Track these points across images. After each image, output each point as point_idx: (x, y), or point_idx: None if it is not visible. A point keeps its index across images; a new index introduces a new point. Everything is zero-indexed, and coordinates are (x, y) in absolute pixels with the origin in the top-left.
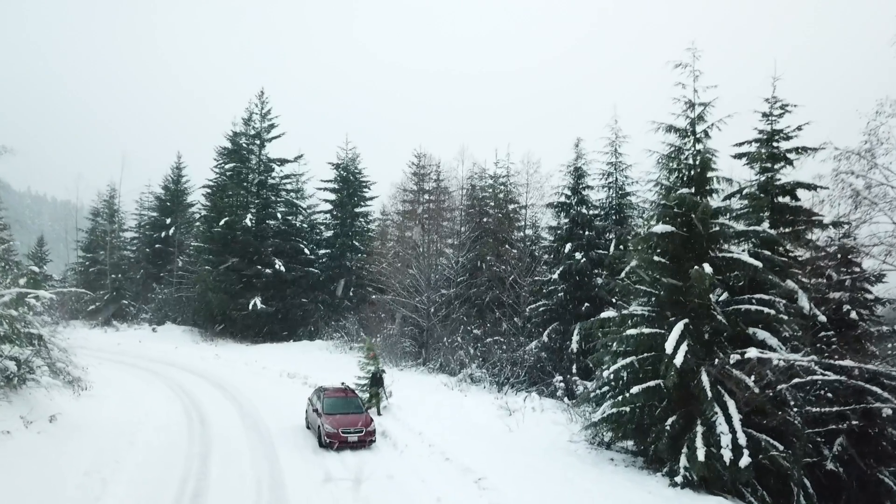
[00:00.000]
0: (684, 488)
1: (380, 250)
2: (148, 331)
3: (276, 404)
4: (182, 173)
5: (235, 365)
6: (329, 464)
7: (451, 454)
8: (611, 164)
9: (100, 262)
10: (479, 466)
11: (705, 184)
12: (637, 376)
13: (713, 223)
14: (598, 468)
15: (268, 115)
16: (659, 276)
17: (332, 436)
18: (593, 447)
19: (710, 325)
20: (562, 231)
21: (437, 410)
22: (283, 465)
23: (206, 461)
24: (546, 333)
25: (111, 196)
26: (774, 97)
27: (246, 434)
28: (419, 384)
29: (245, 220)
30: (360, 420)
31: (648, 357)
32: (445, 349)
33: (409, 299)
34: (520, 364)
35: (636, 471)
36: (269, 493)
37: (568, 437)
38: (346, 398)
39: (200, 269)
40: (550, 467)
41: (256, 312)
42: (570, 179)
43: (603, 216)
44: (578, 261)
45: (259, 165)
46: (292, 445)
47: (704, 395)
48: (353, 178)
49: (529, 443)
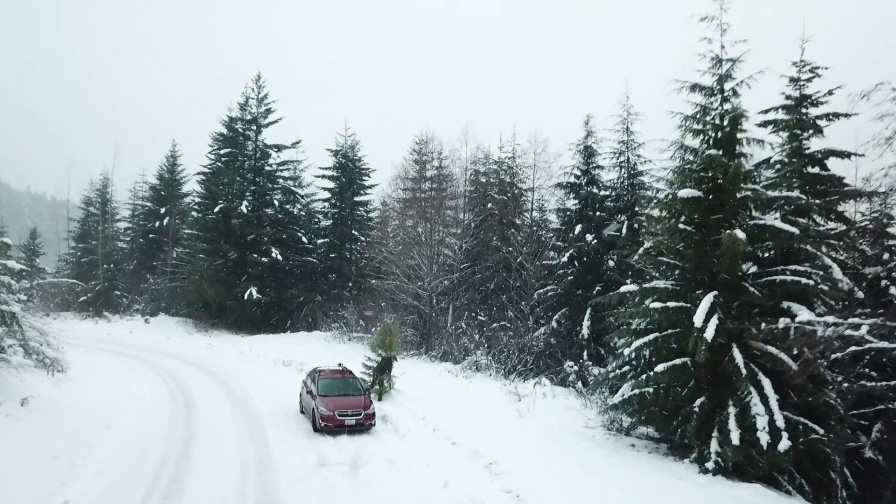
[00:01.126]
0: (716, 475)
1: (380, 240)
2: (140, 322)
3: (269, 390)
4: (177, 162)
5: (229, 354)
6: (324, 448)
7: (458, 438)
8: (622, 142)
9: (92, 253)
10: (490, 451)
11: (734, 145)
12: (661, 354)
13: (744, 188)
14: (619, 454)
15: (264, 99)
16: (684, 246)
17: (328, 419)
18: (611, 433)
19: (741, 299)
20: (571, 212)
21: (442, 396)
22: (273, 449)
23: (188, 445)
24: (555, 319)
25: (104, 185)
26: (802, 60)
27: (234, 419)
28: (421, 371)
29: (241, 207)
30: (358, 402)
31: (673, 334)
32: (449, 336)
33: (410, 285)
34: (528, 351)
35: (660, 457)
36: (255, 478)
37: (583, 422)
38: (343, 379)
39: (195, 257)
40: (567, 453)
41: (252, 302)
42: (579, 159)
43: (614, 197)
44: (589, 242)
45: (255, 152)
46: (284, 430)
47: (738, 373)
48: (352, 165)
49: (542, 428)
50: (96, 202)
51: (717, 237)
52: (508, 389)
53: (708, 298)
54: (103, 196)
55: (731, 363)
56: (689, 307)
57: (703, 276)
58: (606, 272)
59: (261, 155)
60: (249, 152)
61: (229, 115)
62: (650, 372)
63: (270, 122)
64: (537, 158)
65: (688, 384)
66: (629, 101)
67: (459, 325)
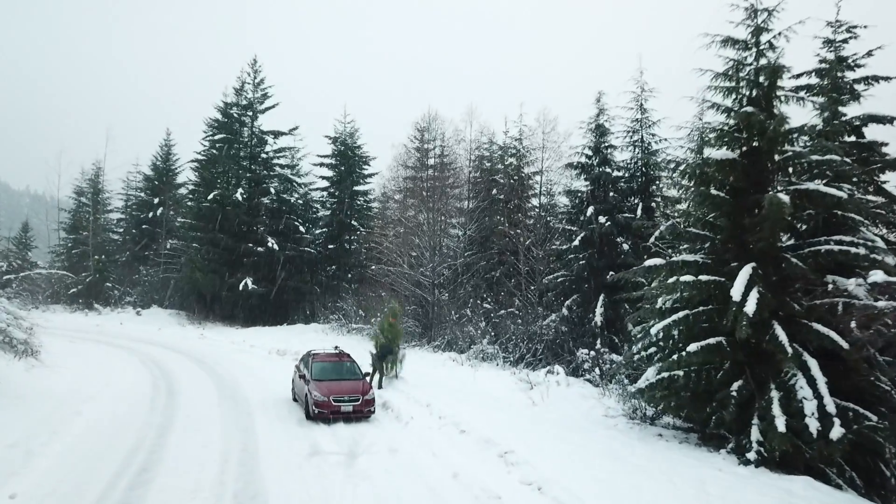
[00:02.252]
0: (758, 466)
1: (381, 230)
2: (132, 314)
3: (261, 379)
4: (171, 151)
5: (221, 344)
6: (317, 436)
7: (467, 426)
8: (636, 121)
9: (83, 244)
10: (504, 439)
11: (772, 103)
12: (692, 333)
13: (784, 150)
14: (647, 444)
15: (261, 84)
16: (715, 215)
17: (322, 405)
18: (634, 422)
19: (780, 272)
20: (582, 194)
21: (447, 383)
22: (259, 437)
23: (165, 432)
24: (566, 306)
25: (96, 175)
26: (838, 20)
27: (220, 405)
28: (423, 360)
29: (235, 194)
30: (355, 387)
31: (705, 311)
32: (453, 324)
33: (411, 272)
34: (537, 339)
35: (692, 447)
36: (236, 468)
37: (602, 411)
38: (339, 363)
39: (188, 247)
40: (589, 442)
41: (247, 294)
42: (591, 137)
43: (628, 178)
44: (602, 224)
45: (251, 138)
46: (274, 417)
47: (783, 352)
48: (351, 153)
49: (558, 416)
50: (88, 192)
51: (754, 204)
52: (519, 377)
53: (746, 269)
54: (95, 186)
55: (773, 341)
56: (723, 281)
57: (737, 246)
58: (621, 256)
59: (257, 142)
60: (245, 139)
61: (224, 101)
62: (681, 353)
63: (267, 108)
64: (546, 138)
65: (722, 366)
66: (643, 76)
67: (464, 312)
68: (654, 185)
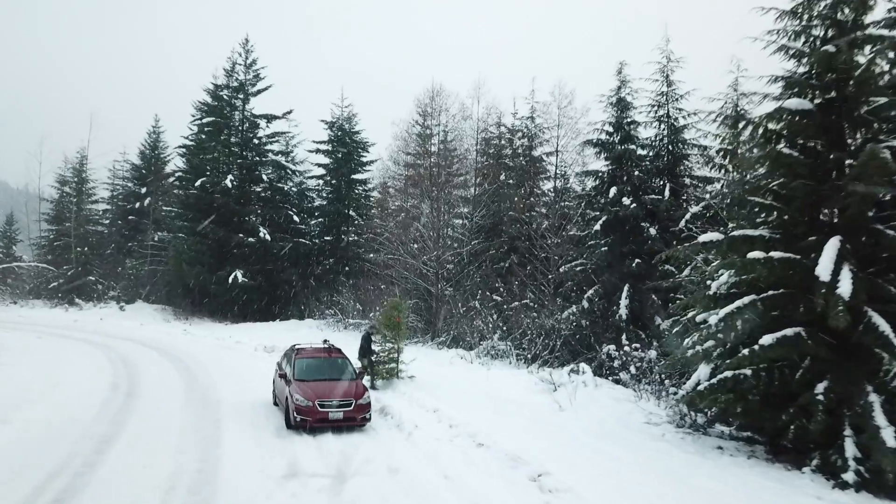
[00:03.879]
0: (859, 491)
1: (381, 222)
2: (115, 309)
3: (241, 379)
4: (160, 139)
5: (204, 340)
6: (298, 451)
7: (486, 437)
8: (661, 94)
9: (66, 236)
10: (533, 455)
11: (854, 45)
12: (762, 323)
13: (872, 100)
14: (708, 459)
15: (253, 65)
16: (787, 180)
17: (306, 411)
18: (683, 430)
19: (865, 249)
20: (603, 174)
21: (455, 384)
22: (223, 453)
23: (104, 447)
24: (586, 297)
25: (81, 163)
26: None
27: (183, 411)
28: (427, 358)
29: (225, 181)
30: (347, 389)
31: (777, 296)
32: (460, 318)
33: (413, 261)
34: (556, 334)
35: (764, 464)
36: (184, 498)
37: (642, 416)
38: (328, 359)
39: (175, 237)
40: (638, 457)
41: (237, 287)
42: (611, 112)
43: (652, 157)
44: (627, 206)
45: (243, 122)
46: (247, 425)
47: (888, 346)
48: (349, 139)
49: (591, 424)
50: (72, 181)
51: (834, 165)
52: (540, 377)
53: (833, 243)
54: (79, 174)
55: (869, 333)
56: (800, 259)
57: (811, 219)
58: (648, 241)
59: (249, 126)
60: (236, 123)
61: (214, 83)
62: (754, 347)
63: (259, 90)
64: (562, 114)
65: (801, 363)
66: (669, 45)
67: (472, 304)
68: (682, 165)
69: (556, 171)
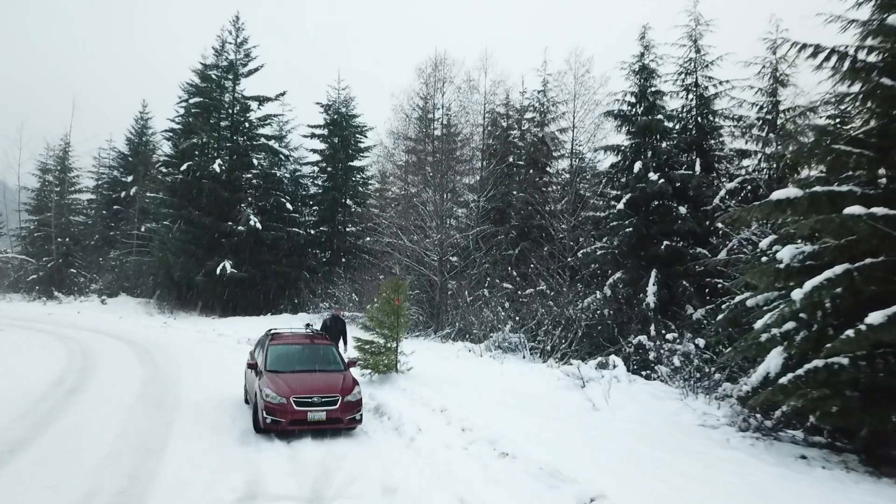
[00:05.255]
0: None
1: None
2: (97, 303)
3: (213, 372)
4: (147, 125)
5: (185, 333)
6: (264, 463)
7: (511, 444)
8: (689, 60)
9: (47, 226)
10: (577, 469)
11: None
12: (858, 299)
13: None
14: (801, 473)
15: (244, 44)
16: (886, 121)
17: (278, 409)
18: (749, 434)
19: None
20: (626, 148)
21: (466, 379)
22: (166, 464)
23: (10, 458)
24: (608, 284)
25: (64, 150)
26: None
27: (131, 410)
28: (430, 350)
29: (213, 165)
30: (332, 383)
31: (875, 265)
32: (465, 307)
33: (413, 245)
34: (576, 324)
35: (869, 479)
36: None
37: (693, 417)
38: (310, 346)
39: (159, 225)
40: (711, 470)
41: (226, 279)
42: (634, 81)
43: (679, 129)
44: (654, 182)
45: (233, 104)
46: (207, 428)
47: None
48: (346, 122)
49: (634, 426)
50: (55, 169)
51: None
52: (565, 371)
53: None
54: (63, 162)
55: None
56: None
57: None
58: (678, 221)
59: (239, 109)
60: (226, 105)
61: (203, 62)
62: (859, 328)
63: (251, 71)
64: (578, 84)
65: None
66: (697, 7)
67: (481, 293)
68: (714, 139)
69: (572, 148)
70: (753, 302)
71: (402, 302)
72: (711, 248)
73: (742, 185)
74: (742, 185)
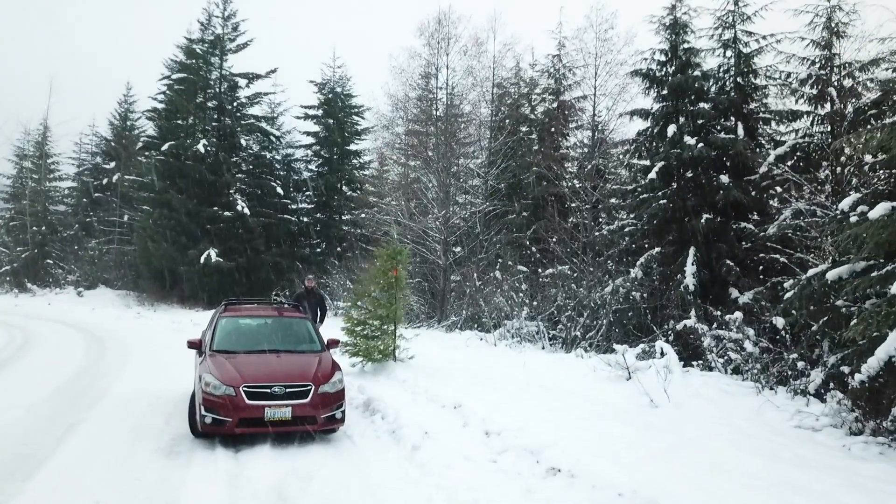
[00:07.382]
0: None
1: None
2: (73, 295)
3: (166, 362)
4: (131, 109)
5: (158, 323)
6: (189, 486)
7: (561, 456)
8: (728, 12)
9: (23, 214)
10: (675, 497)
11: None
12: None
13: None
14: None
15: (231, 17)
16: None
17: (221, 404)
18: (869, 438)
19: None
20: (656, 112)
21: (479, 371)
22: (32, 488)
23: None
24: (639, 265)
25: (43, 135)
26: None
27: (36, 407)
28: (434, 340)
29: (197, 145)
30: (302, 367)
31: None
32: (475, 292)
33: (413, 224)
34: (606, 310)
35: None
36: None
37: (783, 416)
38: (277, 320)
39: (139, 211)
40: (862, 496)
41: (211, 268)
42: (664, 36)
43: (717, 91)
44: (693, 147)
45: (220, 82)
46: (127, 432)
47: None
48: (342, 103)
49: (714, 427)
50: (34, 155)
51: None
52: (606, 360)
53: None
54: (41, 148)
55: None
56: None
57: None
58: (720, 191)
59: (227, 87)
60: (212, 82)
61: (188, 37)
62: None
63: (239, 46)
64: (600, 44)
65: None
66: None
67: (493, 275)
68: (755, 101)
69: (594, 113)
70: (835, 274)
71: (400, 272)
72: (755, 223)
73: (793, 149)
74: (793, 149)
